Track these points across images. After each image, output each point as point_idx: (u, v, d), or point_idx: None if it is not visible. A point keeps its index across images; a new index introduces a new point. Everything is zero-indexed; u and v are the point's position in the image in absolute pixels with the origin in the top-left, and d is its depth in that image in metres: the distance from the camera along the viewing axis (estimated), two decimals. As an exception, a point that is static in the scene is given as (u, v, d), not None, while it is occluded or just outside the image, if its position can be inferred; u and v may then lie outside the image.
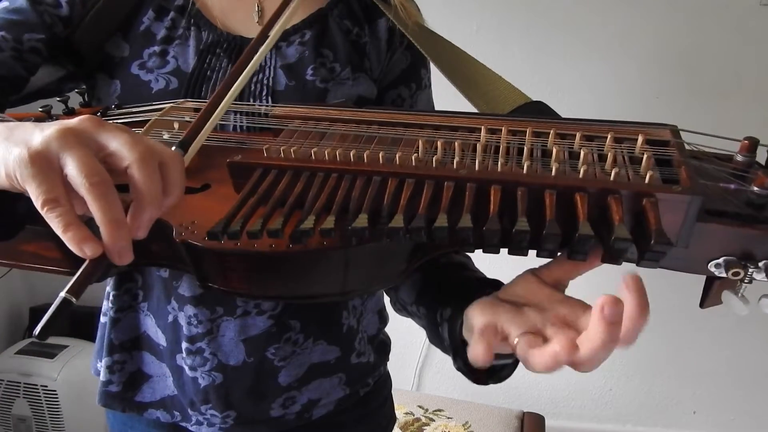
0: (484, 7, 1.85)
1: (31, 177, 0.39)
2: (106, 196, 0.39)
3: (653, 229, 0.40)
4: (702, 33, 1.80)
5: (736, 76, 1.83)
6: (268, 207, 0.46)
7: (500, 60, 1.84)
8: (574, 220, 0.42)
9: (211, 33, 0.72)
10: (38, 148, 0.40)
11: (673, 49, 1.83)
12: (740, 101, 1.84)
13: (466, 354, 0.59)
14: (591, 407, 2.18)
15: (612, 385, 2.15)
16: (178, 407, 0.78)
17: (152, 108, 0.66)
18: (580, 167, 0.46)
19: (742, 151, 0.49)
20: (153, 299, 0.75)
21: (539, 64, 1.87)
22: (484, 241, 0.43)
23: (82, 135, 0.41)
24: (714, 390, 2.10)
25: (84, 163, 0.39)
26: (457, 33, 1.22)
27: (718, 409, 2.13)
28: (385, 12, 0.75)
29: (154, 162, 0.41)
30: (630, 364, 2.12)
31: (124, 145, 0.41)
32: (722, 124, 1.85)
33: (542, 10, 1.84)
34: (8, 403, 1.93)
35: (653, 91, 1.87)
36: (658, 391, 2.14)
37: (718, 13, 1.78)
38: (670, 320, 2.02)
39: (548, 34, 1.85)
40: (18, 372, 1.92)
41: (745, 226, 0.42)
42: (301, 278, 0.49)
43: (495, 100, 0.69)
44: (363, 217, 0.44)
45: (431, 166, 0.48)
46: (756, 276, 0.43)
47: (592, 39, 1.84)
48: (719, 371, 2.08)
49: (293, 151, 0.51)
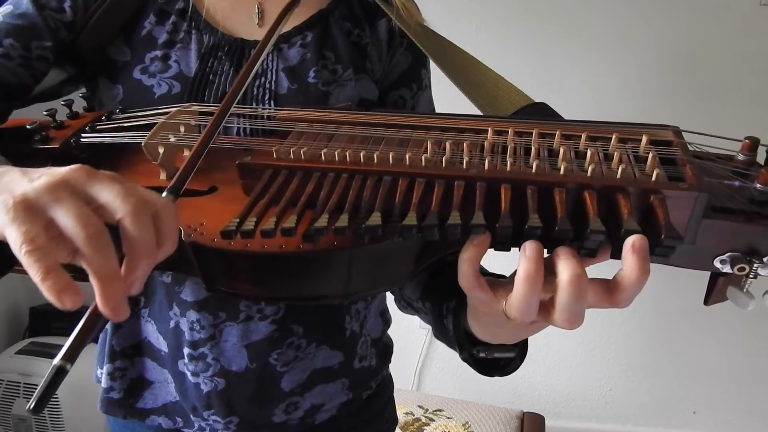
0: (484, 7, 1.85)
1: (11, 220, 0.37)
2: (103, 249, 0.37)
3: (663, 224, 0.40)
4: (702, 33, 1.80)
5: (736, 76, 1.83)
6: (281, 206, 0.46)
7: (500, 60, 1.84)
8: (583, 217, 0.43)
9: (212, 36, 0.71)
10: (25, 195, 0.38)
11: (673, 49, 1.83)
12: (740, 101, 1.84)
13: (471, 346, 0.60)
14: (591, 407, 2.18)
15: (612, 385, 2.15)
16: (180, 413, 0.77)
17: (158, 111, 0.65)
18: (587, 166, 0.46)
19: (744, 150, 0.49)
20: (154, 305, 0.74)
21: (539, 64, 1.87)
22: (497, 238, 0.44)
23: (74, 186, 0.39)
24: (714, 390, 2.10)
25: (79, 214, 0.37)
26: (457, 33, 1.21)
27: (718, 409, 2.13)
28: (387, 12, 0.75)
29: (148, 214, 0.40)
30: (630, 364, 2.12)
31: (116, 197, 0.39)
32: (722, 123, 1.85)
33: (542, 10, 1.84)
34: (8, 403, 1.93)
35: (653, 90, 1.87)
36: (658, 391, 2.14)
37: (718, 13, 1.78)
38: (671, 320, 2.02)
39: (548, 34, 1.85)
40: (18, 372, 1.92)
41: (750, 222, 0.43)
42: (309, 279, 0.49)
43: (498, 101, 0.69)
44: (376, 215, 0.44)
45: (441, 166, 0.49)
46: (761, 271, 0.43)
47: (592, 39, 1.84)
48: (719, 371, 2.08)
49: (303, 152, 0.52)
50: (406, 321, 0.75)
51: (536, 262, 0.43)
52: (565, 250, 0.43)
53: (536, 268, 0.43)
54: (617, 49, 1.84)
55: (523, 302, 0.44)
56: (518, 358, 0.61)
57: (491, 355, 0.60)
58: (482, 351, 0.60)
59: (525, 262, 0.43)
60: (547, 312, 0.45)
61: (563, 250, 0.43)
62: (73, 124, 0.65)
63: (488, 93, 0.70)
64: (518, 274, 0.44)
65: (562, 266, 0.42)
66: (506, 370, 0.62)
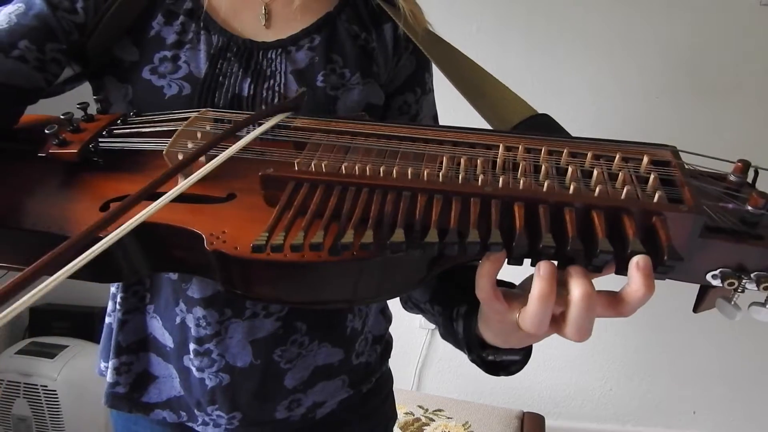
0: (484, 8, 1.85)
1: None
2: None
3: (665, 246, 0.44)
4: (702, 33, 1.80)
5: (736, 76, 1.83)
6: (307, 219, 0.48)
7: (500, 60, 1.85)
8: (590, 235, 0.46)
9: (221, 37, 0.72)
10: None
11: (673, 49, 1.83)
12: (740, 101, 1.84)
13: (481, 350, 0.62)
14: (591, 407, 2.18)
15: (612, 385, 2.15)
16: (185, 408, 0.78)
17: (175, 117, 0.66)
18: (594, 186, 0.50)
19: (736, 172, 0.54)
20: (160, 301, 0.75)
21: (539, 65, 1.87)
22: (512, 254, 0.46)
23: None
24: (714, 390, 2.10)
25: None
26: (457, 33, 1.22)
27: (718, 409, 2.13)
28: (395, 18, 0.76)
29: None
30: (630, 364, 2.12)
31: None
32: (722, 124, 1.85)
33: (542, 11, 1.84)
34: (8, 403, 1.93)
35: (654, 91, 1.87)
36: (658, 391, 2.14)
37: (719, 14, 1.78)
38: (671, 321, 2.02)
39: (548, 35, 1.85)
40: (18, 372, 1.92)
41: (740, 242, 0.47)
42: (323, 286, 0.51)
43: (503, 110, 0.71)
44: (399, 231, 0.46)
45: (458, 183, 0.51)
46: (748, 286, 0.48)
47: (593, 39, 1.84)
48: (719, 371, 2.08)
49: (324, 165, 0.53)
50: (406, 321, 0.76)
51: (550, 283, 0.46)
52: (577, 270, 0.46)
53: (550, 287, 0.46)
54: (618, 49, 1.84)
55: (536, 318, 0.48)
56: (523, 360, 0.63)
57: (500, 357, 0.63)
58: (491, 354, 0.63)
59: (539, 282, 0.46)
60: (558, 325, 0.49)
61: (575, 269, 0.46)
62: (89, 128, 0.64)
63: (493, 103, 0.72)
64: (533, 292, 0.47)
65: (574, 284, 0.46)
66: (511, 370, 0.64)
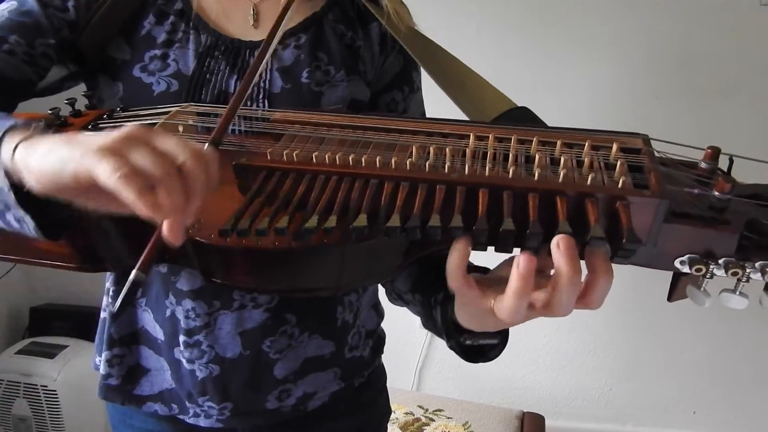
0: (483, 8, 1.85)
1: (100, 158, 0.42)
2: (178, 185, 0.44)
3: (625, 228, 0.44)
4: (702, 33, 1.80)
5: (736, 76, 1.83)
6: (274, 207, 0.49)
7: (500, 61, 1.85)
8: (554, 220, 0.46)
9: (209, 36, 0.74)
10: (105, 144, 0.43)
11: (672, 49, 1.83)
12: (740, 101, 1.84)
13: (458, 334, 0.63)
14: (591, 407, 2.18)
15: (612, 385, 2.15)
16: (176, 400, 0.79)
17: (158, 111, 0.68)
18: (560, 172, 0.50)
19: (706, 158, 0.53)
20: (151, 294, 0.77)
21: (539, 65, 1.87)
22: (474, 239, 0.47)
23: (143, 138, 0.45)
24: (714, 390, 2.10)
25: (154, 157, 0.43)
26: (457, 34, 1.23)
27: (718, 409, 2.13)
28: (378, 16, 0.77)
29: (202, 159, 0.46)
30: (630, 364, 2.12)
31: (176, 146, 0.45)
32: (722, 124, 1.85)
33: (542, 11, 1.84)
34: (8, 403, 1.93)
35: (653, 91, 1.87)
36: (658, 391, 2.14)
37: (718, 14, 1.78)
38: (671, 321, 2.02)
39: (547, 35, 1.85)
40: (18, 372, 1.93)
41: (706, 227, 0.47)
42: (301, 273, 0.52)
43: (482, 105, 0.72)
44: (362, 217, 0.48)
45: (424, 170, 0.51)
46: (716, 272, 0.47)
47: (592, 39, 1.84)
48: (719, 371, 2.08)
49: (295, 154, 0.55)
50: (406, 321, 0.77)
51: (528, 280, 0.46)
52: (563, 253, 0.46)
53: (527, 284, 0.46)
54: (616, 49, 1.84)
55: (513, 310, 0.48)
56: (501, 344, 0.65)
57: (477, 342, 0.64)
58: (468, 339, 0.64)
59: (517, 278, 0.46)
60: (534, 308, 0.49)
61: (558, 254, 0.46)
62: (76, 122, 0.67)
63: (473, 97, 0.74)
64: (509, 287, 0.47)
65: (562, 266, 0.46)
66: (489, 356, 0.65)
